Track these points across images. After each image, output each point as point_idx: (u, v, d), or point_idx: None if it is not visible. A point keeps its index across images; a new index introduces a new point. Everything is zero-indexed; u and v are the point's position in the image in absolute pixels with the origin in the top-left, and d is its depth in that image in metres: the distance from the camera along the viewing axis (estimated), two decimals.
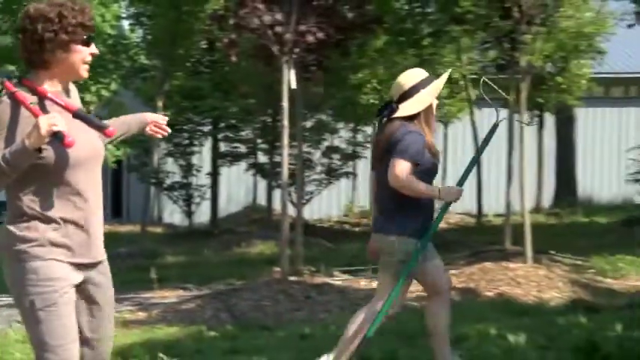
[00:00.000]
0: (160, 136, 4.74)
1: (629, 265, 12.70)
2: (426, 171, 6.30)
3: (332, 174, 20.48)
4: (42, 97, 4.28)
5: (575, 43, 19.42)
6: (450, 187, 6.44)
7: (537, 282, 11.29)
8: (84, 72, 4.38)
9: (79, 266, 4.31)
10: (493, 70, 16.37)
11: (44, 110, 4.22)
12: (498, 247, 13.66)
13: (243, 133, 20.53)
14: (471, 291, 11.16)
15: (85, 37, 4.29)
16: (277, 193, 18.16)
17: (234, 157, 20.79)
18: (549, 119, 23.52)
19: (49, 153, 4.17)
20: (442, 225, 18.30)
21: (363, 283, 11.99)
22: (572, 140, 23.69)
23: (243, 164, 20.75)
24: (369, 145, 22.14)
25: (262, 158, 20.09)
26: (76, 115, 4.29)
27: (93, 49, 4.35)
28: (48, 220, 4.25)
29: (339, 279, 12.30)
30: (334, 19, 11.86)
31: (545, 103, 21.11)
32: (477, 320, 8.74)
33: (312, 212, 21.38)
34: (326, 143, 20.39)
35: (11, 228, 4.26)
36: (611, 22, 20.60)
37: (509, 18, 12.46)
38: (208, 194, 20.68)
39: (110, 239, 20.67)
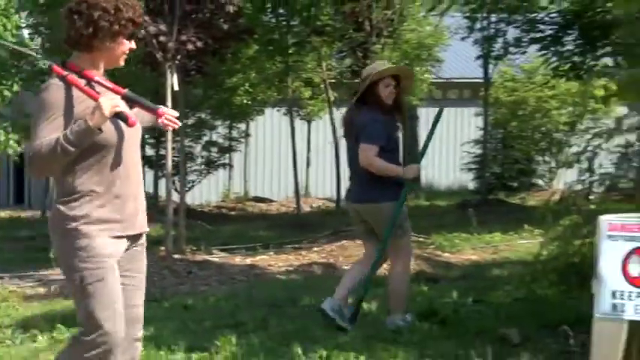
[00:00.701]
0: (171, 128, 4.45)
1: (464, 241, 12.96)
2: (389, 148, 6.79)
3: (211, 165, 20.47)
4: (89, 80, 4.07)
5: (417, 52, 19.75)
6: (411, 166, 6.95)
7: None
8: (122, 62, 4.20)
9: (124, 238, 4.13)
10: (349, 75, 16.53)
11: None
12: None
13: None
14: (331, 266, 11.25)
15: (132, 32, 4.13)
16: (163, 182, 18.01)
17: None
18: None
19: (103, 132, 3.97)
20: (306, 208, 18.47)
21: (238, 260, 11.96)
22: (416, 135, 24.08)
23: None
24: (243, 140, 22.17)
25: (149, 151, 19.89)
26: (125, 97, 4.11)
27: (133, 44, 4.18)
28: (97, 197, 4.04)
29: (217, 256, 12.26)
30: (211, 30, 11.86)
31: None
32: (334, 291, 8.78)
33: (194, 198, 21.23)
34: (205, 138, 20.33)
35: (61, 207, 4.04)
36: (447, 35, 21.03)
37: (362, 31, 12.61)
38: None
39: (13, 223, 20.17)
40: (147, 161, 20.06)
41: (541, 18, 17.36)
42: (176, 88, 11.69)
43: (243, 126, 21.86)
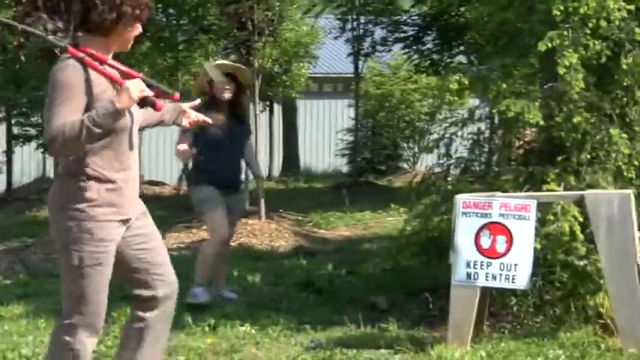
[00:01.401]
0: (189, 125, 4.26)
1: (338, 219, 13.05)
2: None
3: None
4: (101, 63, 3.75)
5: (295, 50, 19.79)
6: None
7: (269, 234, 11.40)
8: (129, 46, 3.88)
9: (126, 222, 3.83)
10: None
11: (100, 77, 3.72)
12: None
13: (33, 119, 19.71)
14: None
15: (145, 17, 3.84)
16: None
17: (26, 139, 19.92)
18: (277, 108, 23.84)
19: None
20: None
21: None
22: (295, 124, 24.12)
23: (33, 144, 19.87)
24: None
25: None
26: (142, 81, 3.77)
27: (140, 28, 3.86)
28: (106, 180, 3.74)
29: None
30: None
31: (274, 96, 21.44)
32: (229, 265, 8.73)
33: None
34: None
35: (71, 187, 3.73)
36: (321, 35, 21.11)
37: (245, 30, 12.50)
38: (4, 169, 19.84)
39: None
40: (47, 148, 19.60)
41: (404, 20, 17.61)
42: None
43: None
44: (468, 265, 5.44)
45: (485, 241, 5.43)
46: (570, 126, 6.02)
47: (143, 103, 3.73)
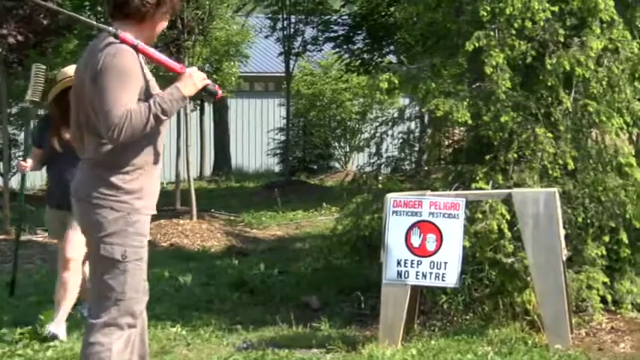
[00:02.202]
0: None
1: (270, 219, 13.04)
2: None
3: None
4: (145, 54, 3.59)
5: (225, 49, 19.70)
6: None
7: (201, 234, 11.35)
8: (154, 39, 3.74)
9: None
10: (164, 69, 16.20)
11: (146, 66, 3.57)
12: (170, 207, 13.65)
13: None
14: (150, 243, 10.97)
15: (176, 10, 3.76)
16: None
17: None
18: (208, 107, 23.71)
19: None
20: None
21: None
22: (227, 123, 23.99)
23: None
24: None
25: None
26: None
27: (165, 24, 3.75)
28: (146, 172, 3.58)
29: (41, 236, 11.79)
30: (31, 25, 11.43)
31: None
32: (153, 266, 8.63)
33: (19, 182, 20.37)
34: (29, 127, 19.50)
35: (113, 179, 3.51)
36: (252, 34, 21.05)
37: (175, 28, 12.38)
38: None
39: None
40: None
41: (334, 19, 17.68)
42: None
43: None
44: (399, 263, 5.46)
45: (416, 240, 5.47)
46: (498, 125, 6.10)
47: (204, 90, 3.64)
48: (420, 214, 5.48)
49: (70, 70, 5.48)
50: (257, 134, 25.45)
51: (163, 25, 3.71)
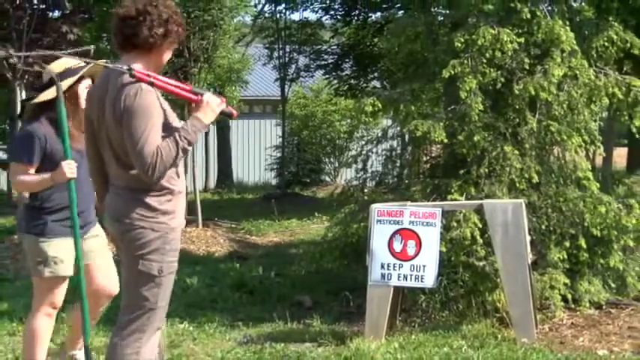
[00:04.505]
0: None
1: (267, 227, 12.99)
2: (54, 167, 4.18)
3: None
4: (160, 88, 3.42)
5: (228, 75, 19.71)
6: (59, 169, 4.14)
7: (206, 240, 11.30)
8: (160, 69, 3.54)
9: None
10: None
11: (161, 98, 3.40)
12: None
13: None
14: None
15: (179, 39, 3.55)
16: None
17: None
18: (212, 127, 23.69)
19: None
20: None
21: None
22: (229, 141, 23.98)
23: None
24: None
25: (3, 156, 18.82)
26: (194, 92, 3.50)
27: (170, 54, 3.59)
28: (177, 193, 3.47)
29: None
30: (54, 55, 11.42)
31: None
32: None
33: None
34: None
35: (150, 201, 3.39)
36: (251, 62, 21.08)
37: (182, 56, 12.40)
38: None
39: None
40: (0, 163, 19.08)
41: (325, 49, 17.72)
42: None
43: None
44: (383, 266, 5.47)
45: (398, 246, 5.47)
46: (471, 143, 6.12)
47: (222, 113, 3.51)
48: (401, 222, 5.49)
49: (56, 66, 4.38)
50: (256, 151, 25.45)
51: (170, 53, 3.56)
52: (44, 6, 11.71)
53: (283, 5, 17.64)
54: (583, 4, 7.26)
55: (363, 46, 16.13)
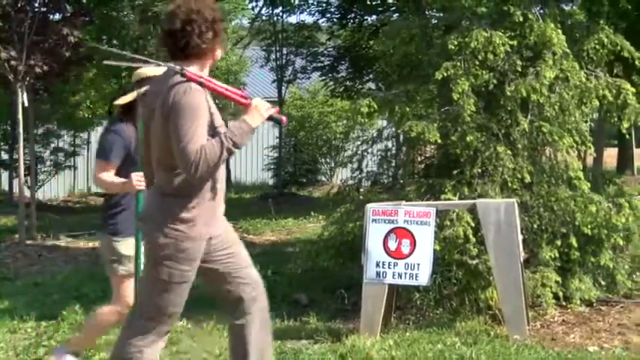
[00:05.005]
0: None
1: (264, 225, 12.99)
2: (134, 168, 4.34)
3: (58, 167, 19.58)
4: (210, 89, 3.39)
5: (226, 77, 19.68)
6: (129, 178, 4.29)
7: None
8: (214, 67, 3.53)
9: (212, 238, 3.45)
10: None
11: (210, 99, 3.37)
12: None
13: None
14: None
15: (223, 41, 3.51)
16: (16, 181, 17.09)
17: None
18: None
19: None
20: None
21: (82, 244, 11.48)
22: None
23: None
24: (85, 146, 21.35)
25: (4, 155, 18.84)
26: (246, 97, 3.48)
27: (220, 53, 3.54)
28: (208, 200, 3.38)
29: (64, 241, 11.72)
30: (55, 57, 11.39)
31: None
32: None
33: (44, 195, 20.24)
34: (53, 145, 19.43)
35: (172, 206, 3.34)
36: (249, 64, 21.08)
37: None
38: None
39: None
40: (2, 164, 19.07)
41: (321, 51, 17.71)
42: (26, 104, 11.23)
43: (85, 135, 21.14)
44: (378, 265, 5.46)
45: (392, 244, 5.46)
46: (464, 144, 6.11)
47: (270, 119, 3.45)
48: (396, 221, 5.48)
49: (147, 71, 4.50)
50: (254, 151, 25.42)
51: (221, 49, 3.51)
52: (45, 9, 11.66)
53: (280, 8, 17.65)
54: (574, 7, 7.27)
55: (359, 49, 16.13)
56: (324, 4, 16.80)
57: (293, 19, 55.40)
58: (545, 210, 6.11)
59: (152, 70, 4.37)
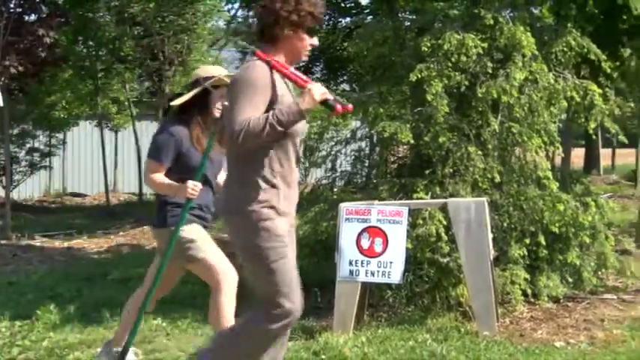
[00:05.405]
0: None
1: None
2: (185, 168, 4.33)
3: (34, 167, 19.34)
4: (277, 70, 3.39)
5: None
6: (185, 184, 4.24)
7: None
8: (304, 56, 3.53)
9: (288, 220, 3.47)
10: (147, 95, 16.13)
11: (281, 81, 3.37)
12: (153, 215, 13.52)
13: None
14: (135, 246, 10.92)
15: (310, 26, 3.48)
16: None
17: None
18: None
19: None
20: (114, 201, 17.85)
21: (57, 244, 11.38)
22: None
23: None
24: (61, 147, 21.14)
25: None
26: None
27: (314, 40, 3.52)
28: (275, 183, 3.39)
29: (39, 241, 11.61)
30: (31, 57, 11.29)
31: None
32: (139, 266, 8.55)
33: (20, 195, 20.02)
34: (29, 145, 19.21)
35: (243, 191, 3.36)
36: (224, 65, 20.98)
37: (157, 60, 12.32)
38: None
39: None
40: None
41: None
42: (1, 104, 11.06)
43: (61, 135, 20.92)
44: (351, 263, 5.46)
45: (365, 243, 5.47)
46: (436, 144, 6.13)
47: (324, 104, 3.40)
48: (369, 220, 5.49)
49: (213, 69, 4.58)
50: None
51: (303, 40, 3.49)
52: (21, 9, 11.56)
53: None
54: (543, 10, 7.33)
55: (333, 50, 16.14)
56: None
57: None
58: (515, 209, 6.15)
59: (208, 70, 4.47)
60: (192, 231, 4.39)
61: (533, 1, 7.29)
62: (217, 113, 4.36)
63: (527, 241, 6.05)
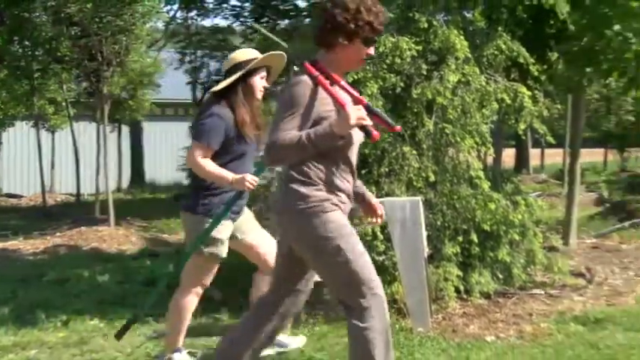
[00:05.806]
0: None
1: (178, 225, 12.78)
2: (232, 153, 4.33)
3: None
4: (332, 83, 3.34)
5: (140, 78, 19.39)
6: (242, 176, 4.22)
7: (118, 238, 11.07)
8: (358, 66, 3.50)
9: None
10: (85, 95, 15.84)
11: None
12: (91, 216, 13.33)
13: None
14: (72, 247, 10.69)
15: (369, 36, 3.35)
16: None
17: None
18: (125, 129, 23.26)
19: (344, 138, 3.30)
20: (51, 202, 17.45)
21: None
22: (141, 143, 23.62)
23: None
24: None
25: None
26: (366, 107, 3.33)
27: (371, 50, 3.41)
28: (330, 191, 3.35)
29: None
30: None
31: (122, 118, 20.90)
32: (75, 267, 8.38)
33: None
34: None
35: (302, 189, 3.32)
36: (164, 66, 20.80)
37: (95, 60, 12.10)
38: None
39: None
40: None
41: None
42: None
43: None
44: None
45: None
46: (372, 145, 6.16)
47: (361, 130, 3.30)
48: None
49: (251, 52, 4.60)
50: (168, 152, 25.05)
51: (359, 49, 3.38)
52: None
53: (195, 12, 17.46)
54: (476, 14, 7.44)
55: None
56: (238, 9, 16.72)
57: (207, 22, 54.91)
58: (448, 208, 6.22)
59: (246, 53, 4.46)
60: (223, 231, 4.41)
61: (466, 4, 7.39)
62: (260, 95, 4.44)
63: (460, 239, 6.13)
